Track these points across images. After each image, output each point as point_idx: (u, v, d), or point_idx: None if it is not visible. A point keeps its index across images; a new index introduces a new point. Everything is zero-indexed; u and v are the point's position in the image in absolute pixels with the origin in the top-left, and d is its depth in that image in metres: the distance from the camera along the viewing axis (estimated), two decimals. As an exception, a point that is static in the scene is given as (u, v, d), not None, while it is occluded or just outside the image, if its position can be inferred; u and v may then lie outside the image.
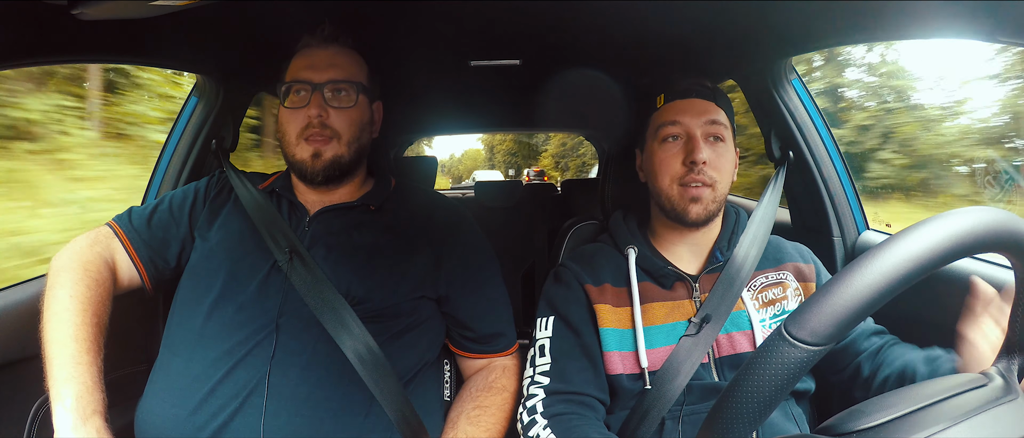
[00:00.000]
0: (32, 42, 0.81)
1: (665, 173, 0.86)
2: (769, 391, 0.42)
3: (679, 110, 0.86)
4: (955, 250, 0.42)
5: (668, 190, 0.85)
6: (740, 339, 0.83)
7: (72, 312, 0.79)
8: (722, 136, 0.86)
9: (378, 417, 0.81)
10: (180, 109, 1.30)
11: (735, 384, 0.44)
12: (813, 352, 0.41)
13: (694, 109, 0.86)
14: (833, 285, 0.42)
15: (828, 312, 0.41)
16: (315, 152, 0.90)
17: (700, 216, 0.84)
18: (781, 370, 0.41)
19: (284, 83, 0.93)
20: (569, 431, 0.75)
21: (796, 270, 0.90)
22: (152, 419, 0.80)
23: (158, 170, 1.27)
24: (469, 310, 0.95)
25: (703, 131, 0.85)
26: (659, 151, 0.87)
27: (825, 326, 0.41)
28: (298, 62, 0.94)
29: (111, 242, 0.92)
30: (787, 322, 0.43)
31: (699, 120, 0.85)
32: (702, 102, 0.86)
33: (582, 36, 1.27)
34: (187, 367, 0.81)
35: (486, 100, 2.10)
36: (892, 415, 0.46)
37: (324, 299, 0.83)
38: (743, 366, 0.44)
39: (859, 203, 1.17)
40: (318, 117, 0.89)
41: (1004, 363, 0.53)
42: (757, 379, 0.42)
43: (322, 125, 0.90)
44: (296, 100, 0.91)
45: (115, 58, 1.07)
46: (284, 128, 0.93)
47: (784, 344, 0.42)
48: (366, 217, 0.95)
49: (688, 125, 0.85)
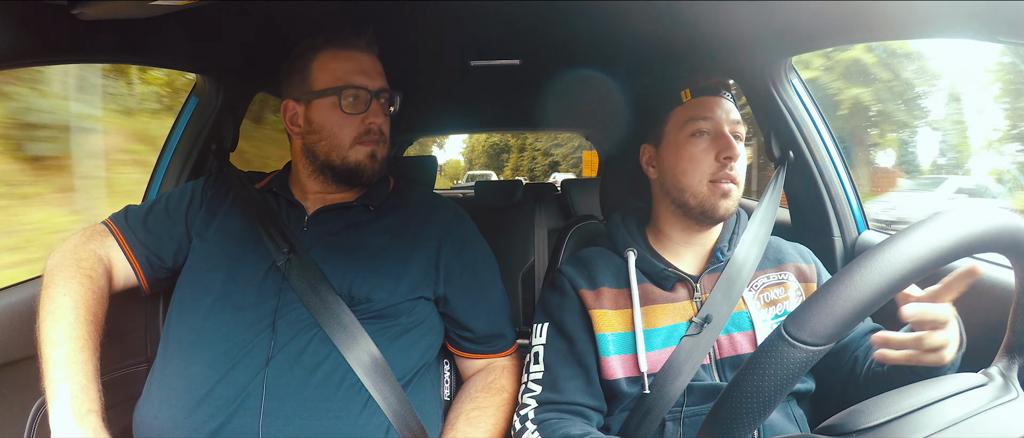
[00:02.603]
0: (32, 42, 0.80)
1: (695, 170, 0.84)
2: (769, 391, 0.42)
3: (708, 107, 0.86)
4: (955, 250, 0.42)
5: (697, 187, 0.84)
6: (741, 340, 0.83)
7: (66, 311, 0.79)
8: (741, 136, 0.86)
9: (376, 418, 0.81)
10: (180, 109, 1.30)
11: (735, 384, 0.44)
12: (813, 352, 0.41)
13: (722, 106, 0.86)
14: (832, 285, 0.42)
15: (827, 312, 0.41)
16: (371, 153, 0.93)
17: (727, 212, 0.84)
18: (781, 370, 0.41)
19: (334, 87, 0.90)
20: (553, 432, 0.76)
21: (797, 270, 0.90)
22: (150, 419, 0.80)
23: (158, 170, 1.27)
24: (468, 310, 0.94)
25: (729, 130, 0.85)
26: (687, 146, 0.85)
27: (825, 326, 0.41)
28: (343, 64, 0.92)
29: (107, 240, 0.92)
30: (786, 322, 0.43)
31: (727, 117, 0.85)
32: (724, 101, 0.87)
33: (582, 36, 1.27)
34: (185, 367, 0.81)
35: (486, 100, 2.10)
36: (892, 415, 0.46)
37: (322, 299, 0.83)
38: (743, 366, 0.44)
39: (859, 203, 1.16)
40: (379, 126, 0.93)
41: (1005, 362, 0.53)
42: (757, 379, 0.42)
43: (380, 131, 0.93)
44: (353, 105, 0.91)
45: (115, 58, 1.07)
46: (334, 131, 0.91)
47: (784, 344, 0.42)
48: (365, 217, 0.95)
49: (718, 122, 0.85)
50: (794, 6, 0.93)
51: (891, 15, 0.82)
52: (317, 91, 0.91)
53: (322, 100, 0.91)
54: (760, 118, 1.21)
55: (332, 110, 0.91)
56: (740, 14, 1.03)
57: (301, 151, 0.95)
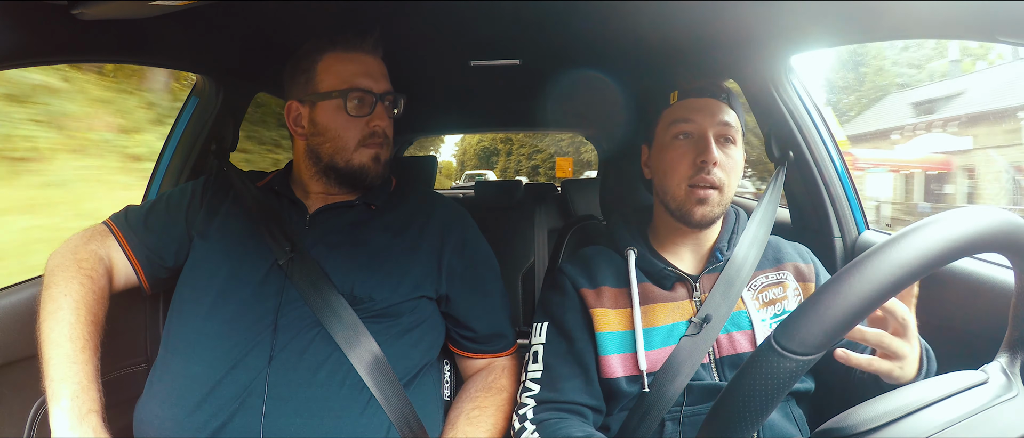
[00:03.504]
0: (32, 42, 0.80)
1: (674, 172, 0.84)
2: (760, 401, 0.42)
3: (693, 108, 0.85)
4: (944, 254, 0.42)
5: (675, 189, 0.84)
6: (740, 339, 0.83)
7: (67, 311, 0.79)
8: (733, 139, 0.85)
9: (378, 417, 0.81)
10: (180, 109, 1.30)
11: (727, 393, 0.44)
12: (802, 362, 0.41)
13: (708, 109, 0.85)
14: (820, 295, 0.42)
15: (815, 322, 0.41)
16: (375, 155, 0.93)
17: (705, 218, 0.83)
18: (771, 380, 0.42)
19: (339, 89, 0.90)
20: (554, 433, 0.76)
21: (796, 270, 0.90)
22: (151, 419, 0.80)
23: (158, 170, 1.27)
24: (469, 310, 0.95)
25: (716, 132, 0.84)
26: (670, 148, 0.86)
27: (813, 336, 0.41)
28: (348, 66, 0.92)
29: (107, 240, 0.92)
30: (776, 332, 0.43)
31: (713, 120, 0.84)
32: (716, 102, 0.86)
33: (582, 36, 1.27)
34: (186, 367, 0.81)
35: (486, 100, 2.10)
36: (892, 417, 0.46)
37: (324, 298, 0.83)
38: (734, 376, 0.44)
39: (859, 203, 1.17)
40: (383, 129, 0.93)
41: (1007, 358, 0.53)
42: (747, 389, 0.42)
43: (384, 134, 0.93)
44: (358, 108, 0.91)
45: (115, 58, 1.07)
46: (339, 133, 0.91)
47: (773, 354, 0.42)
48: (366, 216, 0.95)
49: (701, 124, 0.84)
50: (794, 6, 0.93)
51: (891, 15, 0.82)
52: (322, 93, 0.91)
53: (327, 102, 0.91)
54: (760, 118, 1.21)
55: (337, 112, 0.91)
56: (740, 14, 1.03)
57: (304, 152, 0.95)
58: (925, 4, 0.75)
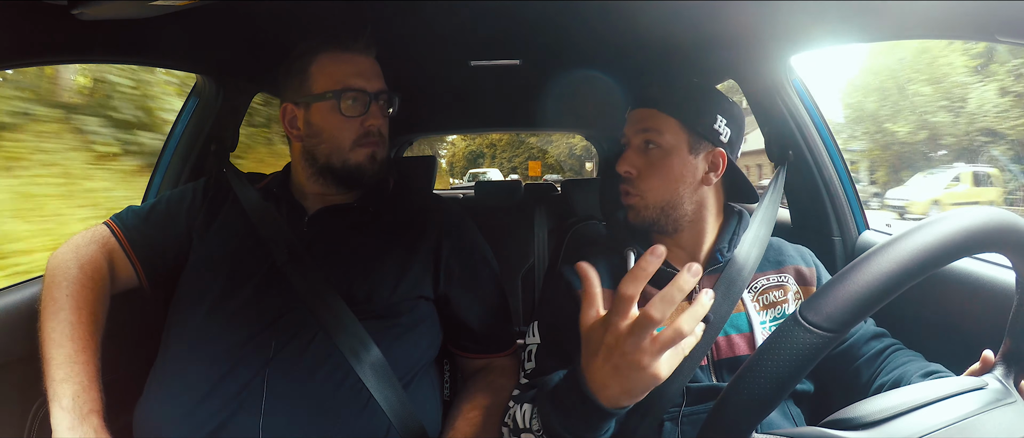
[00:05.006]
0: (32, 42, 0.81)
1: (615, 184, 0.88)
2: (783, 375, 0.43)
3: (628, 120, 0.88)
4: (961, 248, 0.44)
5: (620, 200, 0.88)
6: (739, 341, 0.83)
7: (68, 311, 0.79)
8: (659, 142, 0.83)
9: (377, 417, 0.81)
10: (180, 109, 1.30)
11: (748, 368, 0.44)
12: (827, 337, 0.42)
13: (632, 119, 0.87)
14: (849, 273, 0.43)
15: (843, 298, 0.42)
16: (371, 154, 0.93)
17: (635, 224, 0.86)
18: (795, 354, 0.42)
19: (333, 89, 0.90)
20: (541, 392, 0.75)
21: (797, 273, 0.89)
22: (151, 419, 0.80)
23: (158, 170, 1.27)
24: (468, 310, 0.94)
25: (638, 140, 0.85)
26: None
27: (840, 311, 0.42)
28: (341, 67, 0.92)
29: (108, 241, 0.92)
30: (802, 307, 0.44)
31: (634, 129, 0.86)
32: (641, 111, 0.86)
33: (582, 36, 1.27)
34: (186, 367, 0.81)
35: (486, 100, 2.10)
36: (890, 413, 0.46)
37: (323, 299, 0.83)
38: (758, 350, 0.45)
39: (859, 203, 1.16)
40: (378, 127, 0.93)
41: (1002, 371, 0.53)
42: (771, 363, 0.43)
43: (379, 133, 0.93)
44: (352, 108, 0.91)
45: (115, 58, 1.07)
46: (334, 134, 0.91)
47: (798, 329, 0.43)
48: (365, 218, 0.95)
49: (628, 136, 0.87)
50: (794, 6, 0.93)
51: (891, 15, 0.82)
52: (316, 94, 0.91)
53: (321, 103, 0.91)
54: (760, 118, 1.21)
55: (331, 113, 0.91)
56: (740, 14, 1.03)
57: (301, 154, 0.95)
58: (925, 4, 0.75)
